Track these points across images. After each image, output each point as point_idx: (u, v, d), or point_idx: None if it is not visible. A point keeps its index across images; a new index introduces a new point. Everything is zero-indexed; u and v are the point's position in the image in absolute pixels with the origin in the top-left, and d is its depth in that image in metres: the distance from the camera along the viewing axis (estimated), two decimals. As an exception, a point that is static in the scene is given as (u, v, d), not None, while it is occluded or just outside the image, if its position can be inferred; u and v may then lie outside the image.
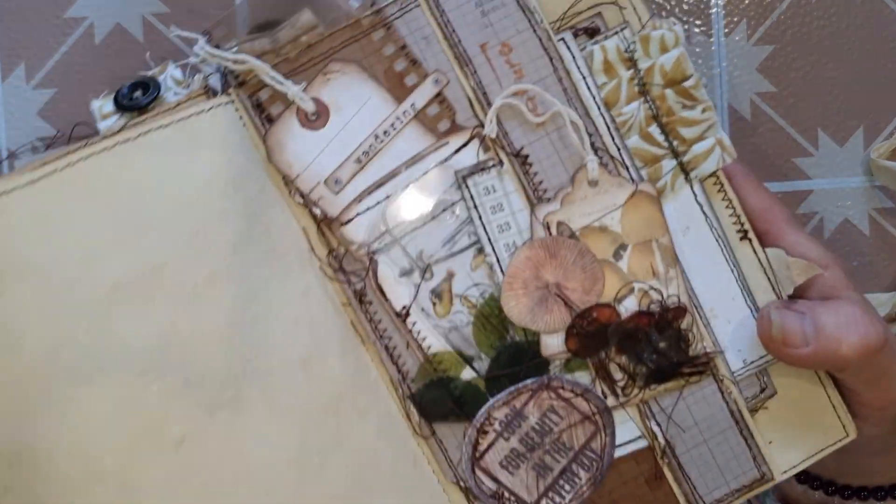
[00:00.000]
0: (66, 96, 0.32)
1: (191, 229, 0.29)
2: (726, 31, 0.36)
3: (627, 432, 0.32)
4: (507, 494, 0.32)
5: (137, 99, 0.31)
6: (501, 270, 0.31)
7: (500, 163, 0.31)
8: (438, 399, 0.31)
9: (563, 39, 0.31)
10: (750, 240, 0.33)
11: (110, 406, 0.27)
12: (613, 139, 0.31)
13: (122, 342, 0.27)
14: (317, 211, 0.31)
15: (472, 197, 0.31)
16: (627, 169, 0.31)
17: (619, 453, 0.32)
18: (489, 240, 0.31)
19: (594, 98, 0.31)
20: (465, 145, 0.31)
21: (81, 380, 0.27)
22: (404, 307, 0.31)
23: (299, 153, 0.31)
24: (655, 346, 0.31)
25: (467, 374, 0.31)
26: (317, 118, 0.31)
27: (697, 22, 0.35)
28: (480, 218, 0.31)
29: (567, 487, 0.32)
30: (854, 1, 0.36)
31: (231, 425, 0.28)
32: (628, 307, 0.31)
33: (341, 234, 0.31)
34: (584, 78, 0.31)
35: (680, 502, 0.32)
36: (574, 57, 0.31)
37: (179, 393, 0.28)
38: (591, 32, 0.31)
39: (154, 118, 0.30)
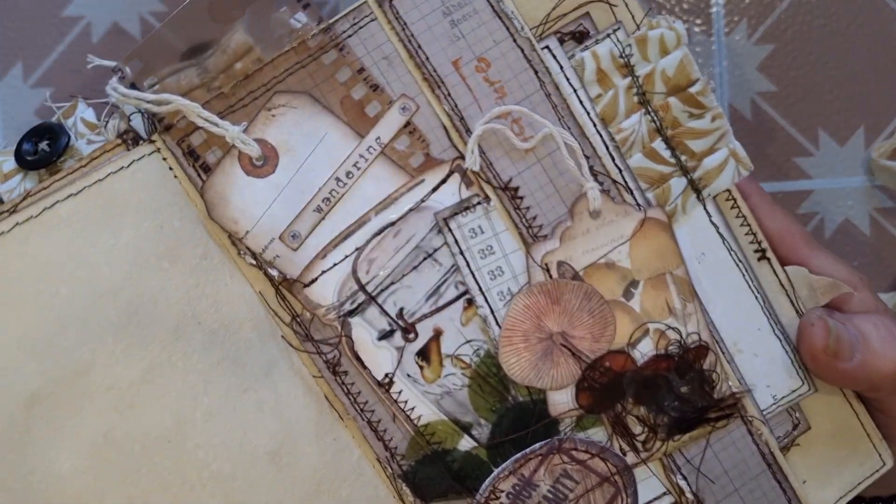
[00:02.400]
0: (63, 95, 0.30)
1: (118, 320, 0.23)
2: (727, 30, 0.34)
3: (651, 490, 0.28)
4: (520, 572, 0.28)
5: (44, 152, 0.25)
6: (497, 323, 0.26)
7: (487, 199, 0.26)
8: (435, 475, 0.27)
9: (547, 47, 0.26)
10: (768, 259, 0.29)
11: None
12: (614, 160, 0.27)
13: (47, 468, 0.22)
14: (273, 272, 0.26)
15: (456, 241, 0.26)
16: (632, 193, 0.27)
17: (643, 514, 0.28)
18: (480, 289, 0.26)
19: (589, 114, 0.27)
20: (443, 182, 0.26)
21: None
22: (387, 375, 0.26)
23: (246, 206, 0.25)
24: (677, 392, 0.27)
25: (465, 443, 0.27)
26: (264, 163, 0.25)
27: (698, 21, 0.33)
28: (468, 265, 0.26)
29: (588, 557, 0.28)
30: (855, 0, 0.36)
31: (192, 546, 0.23)
32: (644, 352, 0.27)
33: (305, 297, 0.26)
34: (575, 91, 0.27)
35: (712, 559, 0.29)
36: (562, 67, 0.26)
37: (125, 518, 0.23)
38: (580, 37, 0.27)
39: (60, 185, 0.24)
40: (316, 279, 0.26)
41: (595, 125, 0.27)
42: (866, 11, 0.36)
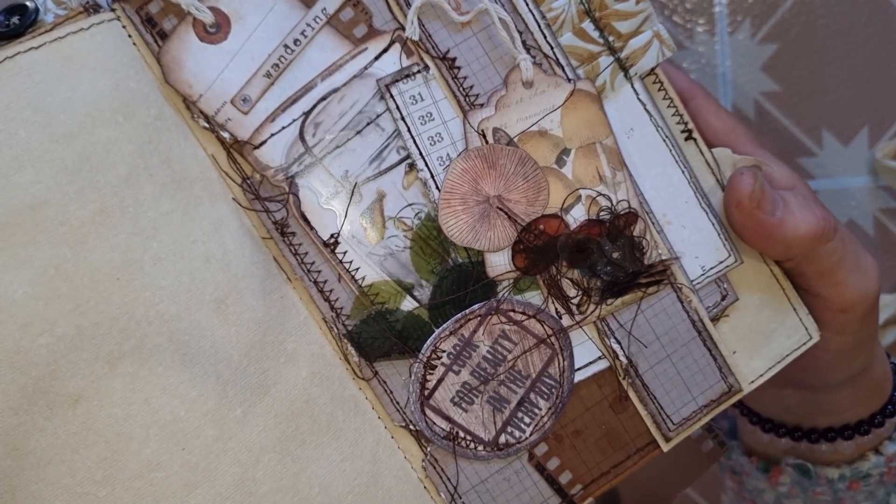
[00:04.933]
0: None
1: (72, 163, 0.25)
2: (730, 29, 0.35)
3: (586, 354, 0.29)
4: (461, 434, 0.29)
5: (14, 25, 0.27)
6: (437, 186, 0.28)
7: (426, 68, 0.28)
8: (378, 335, 0.28)
9: (483, -69, 0.28)
10: (695, 139, 0.31)
11: (-10, 364, 0.23)
12: (546, 37, 0.29)
13: (1, 292, 0.23)
14: (225, 134, 0.27)
15: (398, 107, 0.28)
16: (563, 68, 0.29)
17: (579, 377, 0.29)
18: (421, 153, 0.28)
19: (521, -7, 0.29)
20: (385, 51, 0.28)
21: (-49, 334, 0.23)
22: (332, 235, 0.28)
23: (200, 71, 0.27)
24: (609, 256, 0.29)
25: (408, 304, 0.28)
26: (217, 30, 0.27)
27: (701, 21, 0.34)
28: (409, 130, 0.28)
29: (526, 420, 0.29)
30: (858, 0, 0.36)
31: (135, 378, 0.24)
32: (576, 217, 0.29)
33: (255, 159, 0.28)
34: (508, -28, 0.29)
35: (647, 424, 0.30)
36: (496, -51, 0.28)
37: (72, 345, 0.24)
38: (513, -77, 0.29)
39: (24, 41, 0.26)
40: (265, 141, 0.28)
41: (527, 3, 0.29)
42: (870, 11, 0.35)
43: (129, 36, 0.27)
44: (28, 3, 0.28)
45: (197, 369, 0.25)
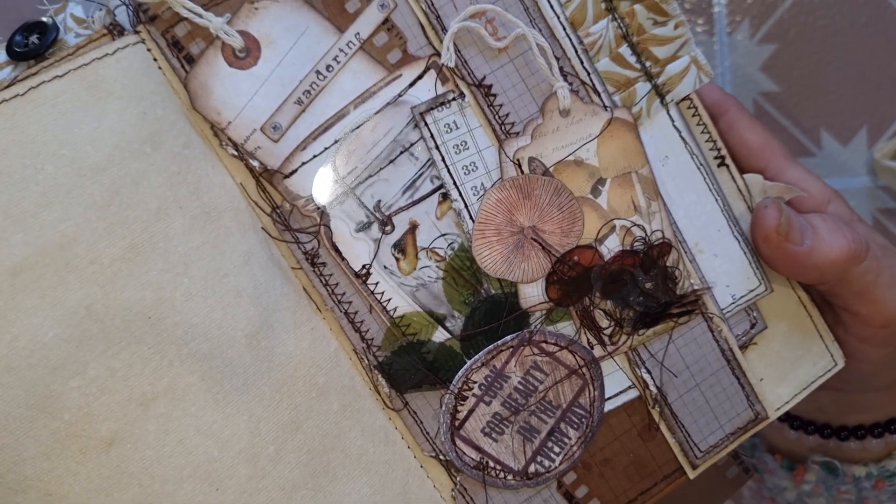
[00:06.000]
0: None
1: (101, 198, 0.24)
2: (729, 30, 0.34)
3: (617, 384, 0.29)
4: (491, 464, 0.29)
5: (34, 45, 0.26)
6: (471, 217, 0.27)
7: (462, 95, 0.27)
8: (409, 366, 0.28)
9: (520, -48, 0.28)
10: (727, 166, 0.30)
11: (23, 408, 0.23)
12: (583, 63, 0.28)
13: (32, 334, 0.23)
14: (255, 163, 0.27)
15: (432, 136, 0.27)
16: (600, 95, 0.28)
17: (609, 407, 0.29)
18: (455, 183, 0.27)
19: (559, 17, 0.28)
20: (420, 77, 0.27)
21: (-17, 381, 0.22)
22: (364, 266, 0.27)
23: (229, 97, 0.26)
24: (642, 287, 0.29)
25: (440, 335, 0.28)
26: (246, 55, 0.26)
27: (700, 21, 0.34)
28: (444, 159, 0.27)
29: (556, 449, 0.29)
30: (857, 0, 0.35)
31: (168, 418, 0.24)
32: (611, 247, 0.28)
33: (285, 188, 0.27)
34: (546, -5, 0.28)
35: (674, 452, 0.30)
36: (534, -28, 0.28)
37: (104, 387, 0.23)
38: (551, -56, 0.28)
39: (47, 68, 0.25)
40: (296, 170, 0.27)
41: (564, 28, 0.28)
42: (869, 11, 0.35)
43: (155, 60, 0.26)
44: (47, 20, 0.27)
45: (230, 408, 0.25)
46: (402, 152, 0.27)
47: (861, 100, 0.36)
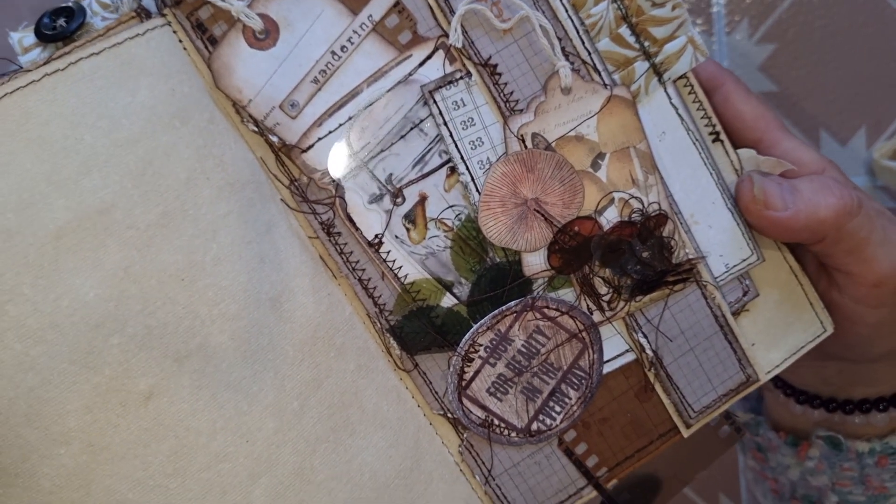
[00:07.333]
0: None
1: (136, 168, 0.26)
2: (727, 30, 0.35)
3: (615, 347, 0.31)
4: (496, 421, 0.31)
5: (62, 28, 0.28)
6: (477, 189, 0.29)
7: (468, 74, 0.29)
8: (419, 330, 0.30)
9: (524, -63, 0.29)
10: (722, 141, 0.32)
11: (67, 363, 0.25)
12: (584, 43, 0.30)
13: (74, 294, 0.25)
14: (274, 138, 0.28)
15: (441, 112, 0.29)
16: (600, 74, 0.30)
17: (607, 369, 0.31)
18: (462, 157, 0.29)
19: (561, 0, 0.29)
20: (429, 57, 0.29)
21: (32, 337, 0.24)
22: (376, 236, 0.29)
23: (249, 76, 0.28)
24: (639, 256, 0.30)
25: (448, 301, 0.30)
26: (266, 36, 0.28)
27: (698, 21, 0.34)
28: (451, 134, 0.29)
29: (557, 409, 0.31)
30: (856, 0, 0.35)
31: (201, 374, 0.26)
32: (609, 218, 0.30)
33: (303, 162, 0.29)
34: (549, -22, 0.29)
35: (669, 413, 0.32)
36: (538, -44, 0.29)
37: (142, 344, 0.25)
38: (554, -71, 0.29)
39: (83, 46, 0.27)
40: (312, 145, 0.29)
41: (567, 10, 0.29)
42: (868, 11, 0.35)
43: (180, 41, 0.28)
44: (72, 5, 0.28)
45: (257, 365, 0.27)
46: (412, 128, 0.29)
47: (860, 100, 0.36)
